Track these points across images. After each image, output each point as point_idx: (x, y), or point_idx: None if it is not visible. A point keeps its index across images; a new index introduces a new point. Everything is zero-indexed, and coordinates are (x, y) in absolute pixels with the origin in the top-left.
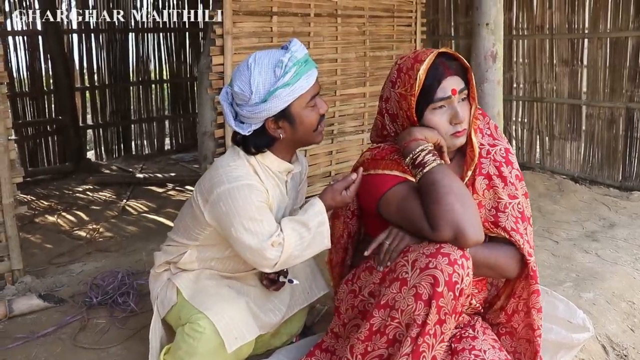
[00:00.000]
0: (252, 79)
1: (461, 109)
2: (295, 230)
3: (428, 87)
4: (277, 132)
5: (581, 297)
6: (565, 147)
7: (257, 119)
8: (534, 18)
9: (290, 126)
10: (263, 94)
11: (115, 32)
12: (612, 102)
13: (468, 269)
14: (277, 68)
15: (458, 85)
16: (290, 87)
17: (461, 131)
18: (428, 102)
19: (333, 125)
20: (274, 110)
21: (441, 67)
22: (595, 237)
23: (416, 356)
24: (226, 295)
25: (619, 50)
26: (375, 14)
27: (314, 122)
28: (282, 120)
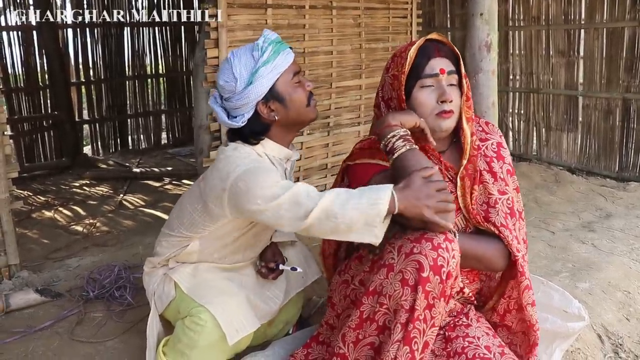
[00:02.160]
0: (234, 68)
1: (450, 90)
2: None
3: (417, 65)
4: (271, 114)
5: (577, 287)
6: (561, 138)
7: (248, 106)
8: (530, 9)
9: (282, 105)
10: (246, 77)
11: (111, 27)
12: (609, 92)
13: (453, 251)
14: (254, 52)
15: (447, 66)
16: (270, 64)
17: (448, 111)
18: (417, 79)
19: (329, 118)
20: (261, 90)
21: (431, 47)
22: (591, 227)
23: (407, 342)
24: (226, 287)
25: (616, 40)
26: (370, 5)
27: (303, 97)
28: (272, 102)
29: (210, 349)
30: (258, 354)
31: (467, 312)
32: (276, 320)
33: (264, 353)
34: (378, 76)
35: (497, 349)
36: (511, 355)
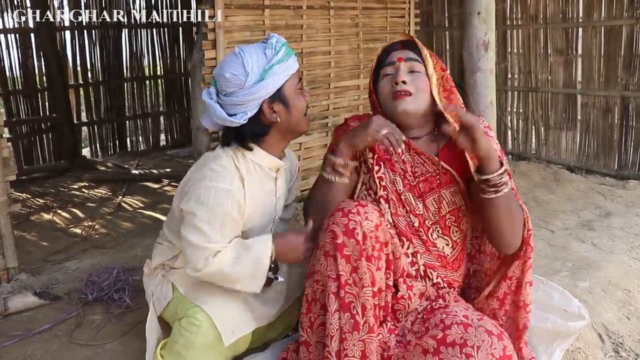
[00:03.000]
0: (246, 62)
1: (408, 75)
2: (236, 248)
3: (381, 59)
4: (273, 116)
5: (577, 286)
6: (560, 137)
7: (253, 102)
8: (528, 8)
9: (285, 109)
10: (258, 73)
11: (109, 29)
12: (607, 90)
13: (366, 214)
14: (267, 50)
15: (407, 55)
16: (284, 63)
17: (401, 92)
18: (379, 70)
19: (327, 118)
20: (271, 88)
21: (396, 44)
22: (591, 226)
23: (345, 308)
24: (222, 289)
25: (614, 38)
26: (368, 5)
27: (304, 105)
28: (277, 103)
29: (207, 350)
30: (257, 356)
31: (443, 294)
32: (276, 324)
33: (263, 355)
34: None
35: (475, 316)
36: (489, 320)
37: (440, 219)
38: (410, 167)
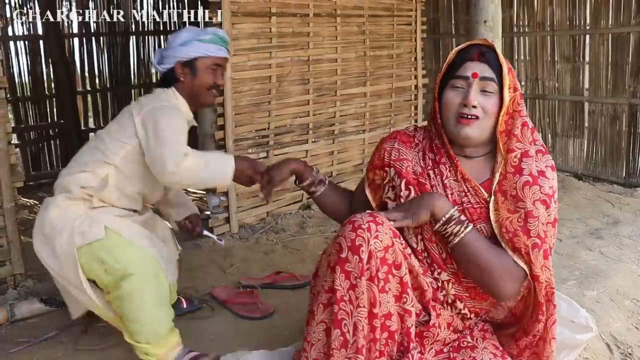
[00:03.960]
0: (182, 32)
1: (479, 96)
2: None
3: (453, 65)
4: (181, 74)
5: (585, 295)
6: (568, 144)
7: (172, 59)
8: (534, 15)
9: (191, 74)
10: (184, 40)
11: (116, 35)
12: (615, 98)
13: (376, 232)
14: (200, 32)
15: (483, 72)
16: (203, 43)
17: (469, 117)
18: (449, 79)
19: (334, 126)
20: (185, 54)
21: (473, 51)
22: (599, 234)
23: (337, 324)
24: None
25: (621, 46)
26: (375, 13)
27: (208, 82)
28: (187, 68)
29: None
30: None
31: (472, 328)
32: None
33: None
34: (383, 83)
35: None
36: None
37: None
38: (451, 194)
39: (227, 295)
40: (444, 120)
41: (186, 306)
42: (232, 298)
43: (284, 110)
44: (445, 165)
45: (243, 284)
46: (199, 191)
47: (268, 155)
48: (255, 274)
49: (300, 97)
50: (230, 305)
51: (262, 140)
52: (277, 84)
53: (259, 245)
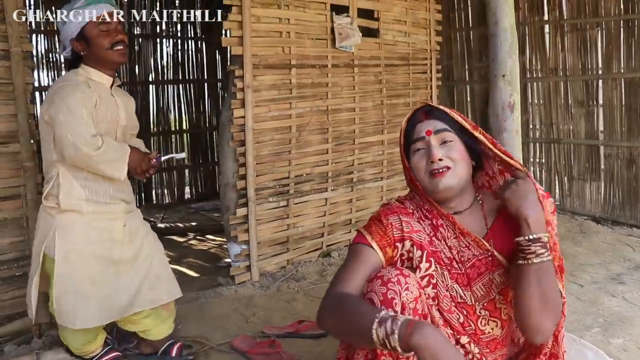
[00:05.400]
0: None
1: (441, 149)
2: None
3: (407, 133)
4: (80, 50)
5: (610, 343)
6: (584, 188)
7: (66, 41)
8: (547, 61)
9: (86, 45)
10: (64, 18)
11: (137, 84)
12: (630, 141)
13: (407, 284)
14: (75, 2)
15: (435, 126)
16: (78, 12)
17: (439, 170)
18: (409, 146)
19: (352, 174)
20: (72, 30)
21: (418, 113)
22: (620, 279)
23: None
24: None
25: (634, 90)
26: (391, 62)
27: (105, 43)
28: (80, 41)
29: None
30: None
31: None
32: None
33: None
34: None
35: None
36: None
37: (489, 303)
38: (456, 253)
39: (248, 346)
40: (421, 183)
41: (174, 355)
42: (254, 348)
43: (304, 159)
44: (444, 227)
45: (266, 333)
46: (218, 238)
47: (288, 203)
48: (277, 323)
49: (320, 146)
50: (252, 355)
51: (282, 189)
52: (297, 133)
53: (280, 293)
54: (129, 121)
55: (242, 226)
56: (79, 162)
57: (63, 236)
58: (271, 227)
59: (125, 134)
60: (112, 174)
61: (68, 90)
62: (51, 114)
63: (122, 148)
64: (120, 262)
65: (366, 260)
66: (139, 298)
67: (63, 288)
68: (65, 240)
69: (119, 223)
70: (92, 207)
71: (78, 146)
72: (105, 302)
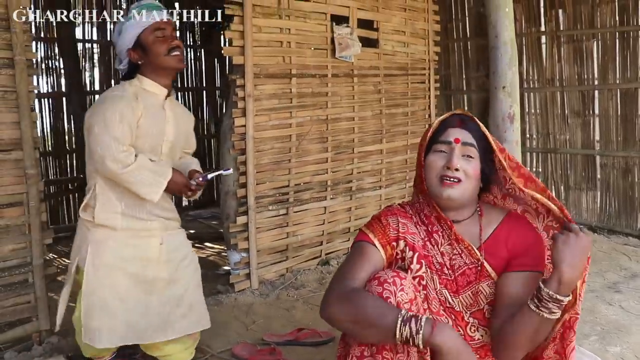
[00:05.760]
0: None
1: (461, 160)
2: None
3: (437, 132)
4: (137, 59)
5: (608, 351)
6: (581, 197)
7: (122, 51)
8: (544, 71)
9: (144, 54)
10: (118, 29)
11: None
12: (626, 151)
13: (402, 286)
14: (125, 17)
15: (465, 138)
16: (132, 20)
17: (451, 179)
18: (432, 144)
19: (351, 182)
20: (127, 40)
21: (454, 119)
22: (617, 288)
23: None
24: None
25: (630, 100)
26: (390, 72)
27: (162, 50)
28: (137, 49)
29: None
30: None
31: None
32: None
33: None
34: (398, 141)
35: None
36: None
37: (477, 312)
38: (448, 260)
39: (248, 353)
40: (428, 182)
41: None
42: (254, 356)
43: (304, 168)
44: (438, 233)
45: (266, 341)
46: (216, 246)
47: (288, 212)
48: (277, 331)
49: (319, 155)
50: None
51: (282, 197)
52: (296, 142)
53: (280, 301)
54: (178, 137)
55: (242, 234)
56: (109, 177)
57: (95, 251)
58: (271, 235)
59: (173, 150)
60: (142, 195)
61: (110, 101)
62: (89, 123)
63: (161, 172)
64: (154, 281)
65: (370, 257)
66: (170, 325)
67: (90, 303)
68: (97, 255)
69: (155, 241)
70: (127, 222)
71: (105, 162)
72: (134, 321)
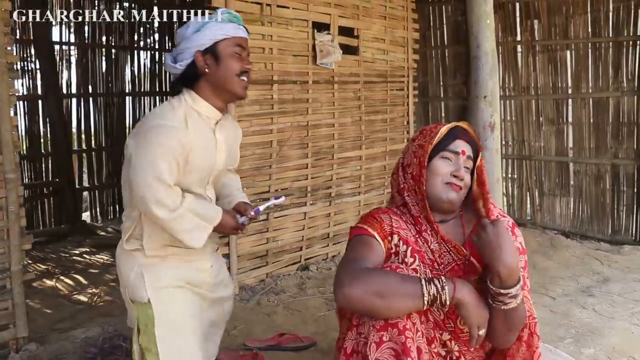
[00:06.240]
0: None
1: (464, 172)
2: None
3: (444, 140)
4: (204, 66)
5: (582, 353)
6: (555, 203)
7: (189, 51)
8: (519, 79)
9: (215, 62)
10: (197, 26)
11: (113, 96)
12: (598, 158)
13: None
14: (211, 13)
15: (468, 150)
16: (219, 24)
17: (457, 186)
18: (439, 151)
19: (331, 188)
20: (203, 40)
21: (459, 130)
22: (590, 292)
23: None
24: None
25: (602, 109)
26: (369, 79)
27: (236, 68)
28: (209, 55)
29: None
30: None
31: None
32: None
33: None
34: (377, 147)
35: None
36: None
37: None
38: (438, 257)
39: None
40: (430, 184)
41: None
42: None
43: (284, 173)
44: (427, 232)
45: (248, 346)
46: None
47: (268, 217)
48: (259, 336)
49: (299, 161)
50: None
51: (262, 203)
52: (277, 148)
53: (260, 306)
54: (227, 161)
55: (223, 239)
56: (150, 219)
57: (151, 275)
58: (251, 241)
59: (219, 177)
60: (186, 242)
61: (156, 132)
62: (129, 153)
63: (209, 217)
64: (213, 301)
65: (374, 248)
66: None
67: (163, 331)
68: (154, 278)
69: (206, 264)
70: (176, 250)
71: (148, 205)
72: (204, 340)
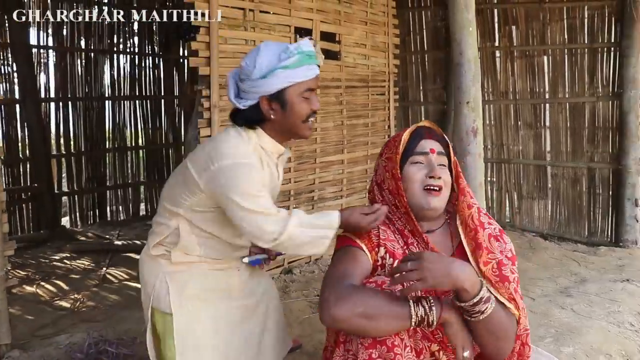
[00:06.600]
0: (258, 57)
1: (439, 169)
2: (303, 223)
3: (409, 145)
4: (269, 112)
5: (562, 352)
6: (533, 206)
7: (254, 94)
8: (498, 84)
9: (282, 109)
10: (264, 71)
11: (92, 100)
12: (575, 162)
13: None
14: (282, 53)
15: (437, 147)
16: (288, 70)
17: (436, 187)
18: (408, 157)
19: (313, 192)
20: (269, 88)
21: (422, 130)
22: (568, 292)
23: None
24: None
25: (578, 114)
26: (351, 84)
27: (304, 113)
28: (275, 102)
29: None
30: None
31: None
32: None
33: None
34: (359, 151)
35: None
36: None
37: None
38: None
39: None
40: (410, 194)
41: None
42: None
43: None
44: (414, 245)
45: None
46: None
47: None
48: None
49: None
50: None
51: None
52: None
53: None
54: None
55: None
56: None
57: (176, 284)
58: None
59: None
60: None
61: (242, 171)
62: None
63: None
64: (248, 309)
65: (360, 261)
66: (262, 353)
67: (185, 344)
68: (180, 287)
69: (234, 270)
70: (204, 258)
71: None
72: (233, 354)
